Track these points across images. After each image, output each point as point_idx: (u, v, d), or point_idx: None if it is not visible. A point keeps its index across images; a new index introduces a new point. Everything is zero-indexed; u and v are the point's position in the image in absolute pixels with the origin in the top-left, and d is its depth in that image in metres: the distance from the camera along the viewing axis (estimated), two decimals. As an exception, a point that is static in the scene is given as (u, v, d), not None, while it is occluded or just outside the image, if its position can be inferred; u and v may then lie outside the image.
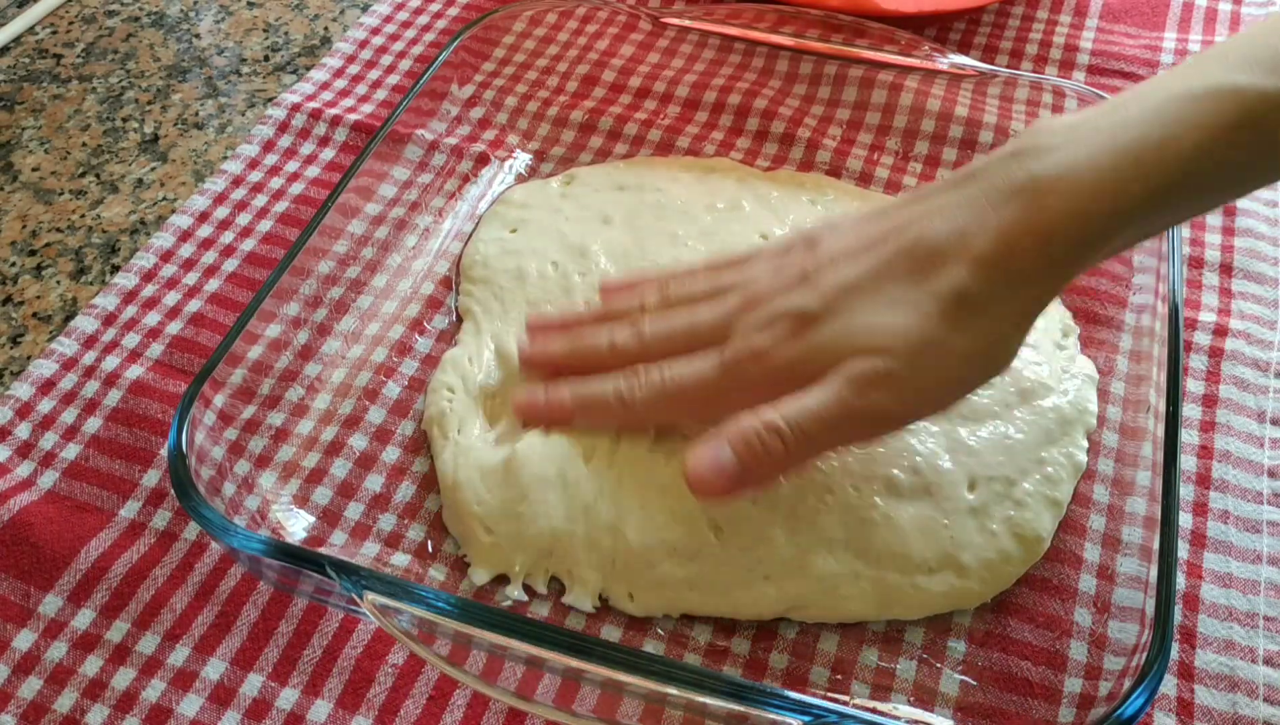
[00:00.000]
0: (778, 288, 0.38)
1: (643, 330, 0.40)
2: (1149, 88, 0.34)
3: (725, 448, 0.34)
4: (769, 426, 0.34)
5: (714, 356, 0.38)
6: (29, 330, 0.49)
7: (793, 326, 0.36)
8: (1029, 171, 0.33)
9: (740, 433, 0.34)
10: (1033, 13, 0.63)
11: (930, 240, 0.35)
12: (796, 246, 0.39)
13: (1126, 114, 0.33)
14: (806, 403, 0.34)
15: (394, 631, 0.34)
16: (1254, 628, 0.38)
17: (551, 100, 0.58)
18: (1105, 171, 0.32)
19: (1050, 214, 0.33)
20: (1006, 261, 0.33)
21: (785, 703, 0.31)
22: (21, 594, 0.40)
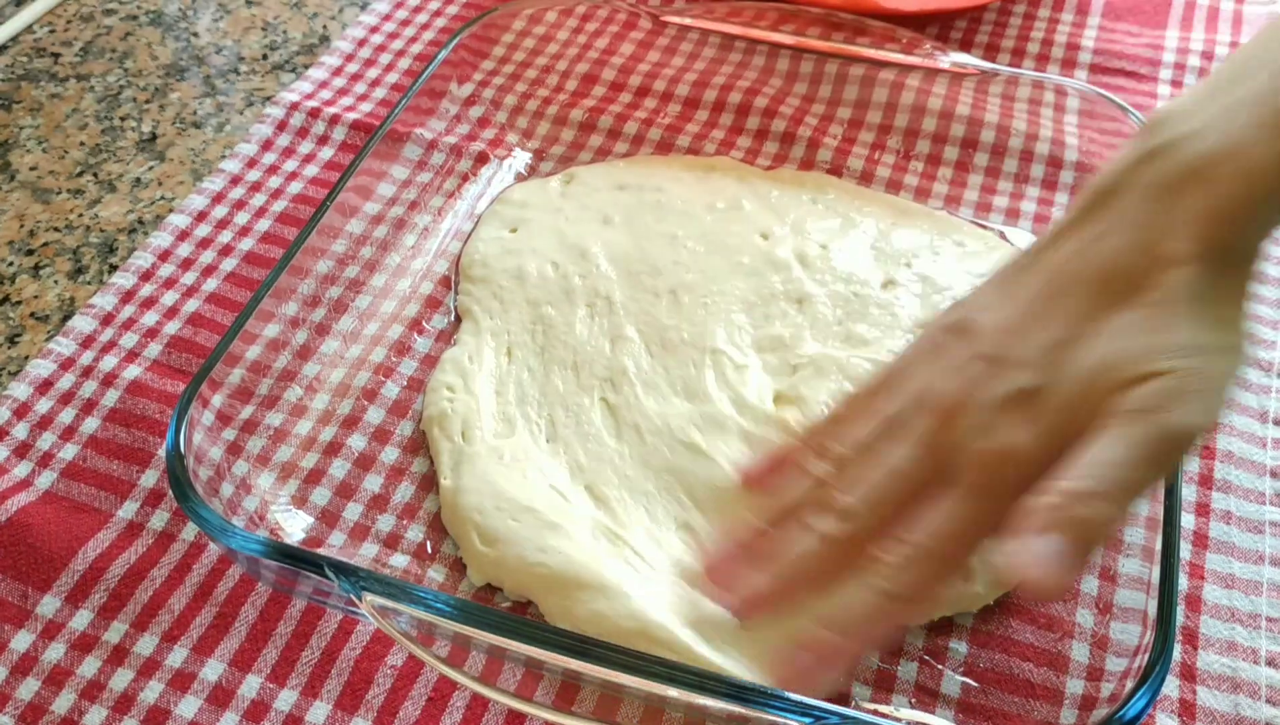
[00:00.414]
0: (968, 386, 0.33)
1: (844, 505, 0.33)
2: (1268, 53, 0.33)
3: (1053, 538, 0.29)
4: (1080, 494, 0.29)
5: (955, 492, 0.32)
6: (26, 330, 0.49)
7: (1024, 412, 0.32)
8: (1185, 162, 0.32)
9: (1054, 516, 0.29)
10: (1035, 11, 0.63)
11: (1118, 264, 0.32)
12: (946, 343, 0.35)
13: (1258, 84, 0.32)
14: (1098, 453, 0.30)
15: (393, 633, 0.34)
16: (1256, 629, 0.38)
17: (551, 99, 0.58)
18: (1267, 140, 0.31)
19: (1230, 193, 0.31)
20: (1216, 250, 0.31)
21: (786, 704, 0.31)
22: (19, 595, 0.40)
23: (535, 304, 0.47)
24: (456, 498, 0.40)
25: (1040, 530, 0.29)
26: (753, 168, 0.54)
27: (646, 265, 0.48)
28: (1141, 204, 0.32)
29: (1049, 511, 0.29)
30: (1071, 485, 0.29)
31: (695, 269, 0.48)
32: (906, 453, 0.33)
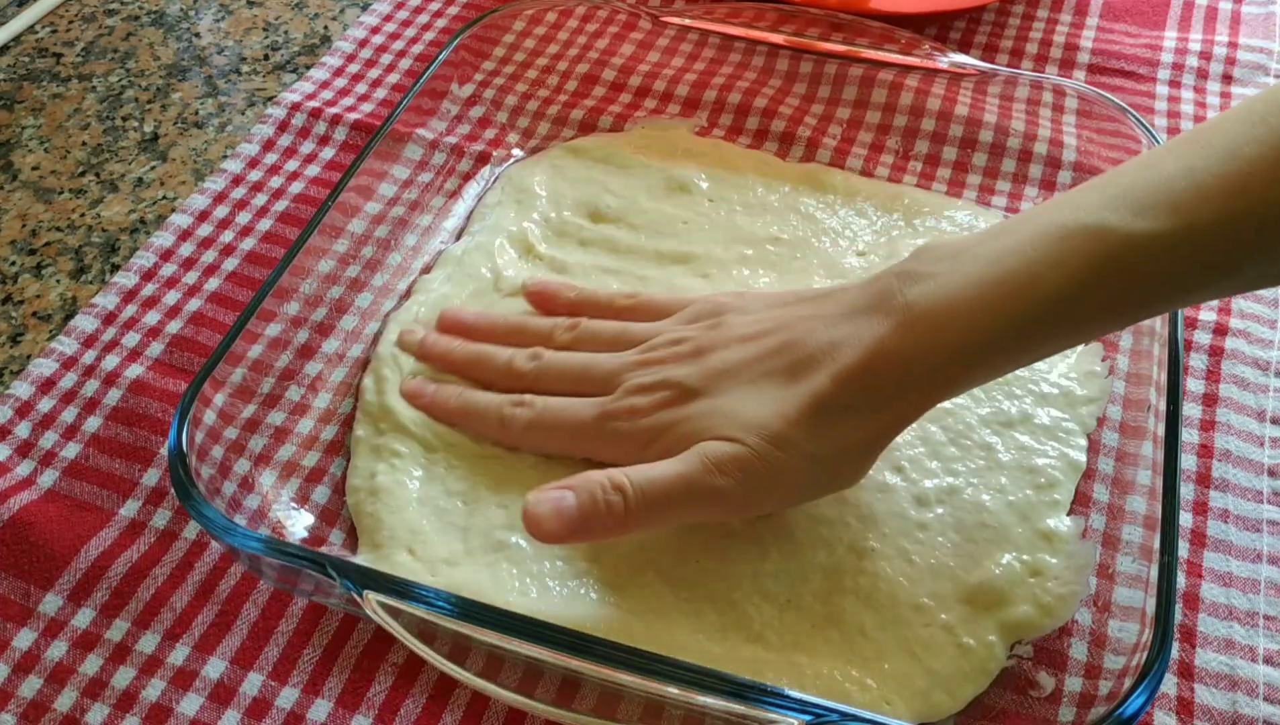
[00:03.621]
0: (671, 356, 0.40)
1: (542, 360, 0.42)
2: (1031, 217, 0.34)
3: (569, 494, 0.35)
4: (615, 484, 0.35)
5: (595, 404, 0.40)
6: (29, 329, 0.49)
7: (672, 396, 0.38)
8: (905, 295, 0.35)
9: (587, 484, 0.35)
10: (1033, 12, 0.63)
11: (809, 344, 0.36)
12: (704, 317, 0.41)
13: (1002, 244, 0.34)
14: (655, 471, 0.35)
15: (394, 630, 0.34)
16: (1254, 627, 0.38)
17: (551, 99, 0.58)
18: (974, 303, 0.33)
19: (914, 340, 0.34)
20: (865, 379, 0.34)
21: (786, 702, 0.31)
22: (21, 593, 0.40)
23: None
24: (381, 506, 0.41)
25: (571, 488, 0.35)
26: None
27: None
28: (865, 311, 0.36)
29: (585, 480, 0.35)
30: (616, 476, 0.35)
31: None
32: (604, 366, 0.41)
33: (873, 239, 0.50)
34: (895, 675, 0.36)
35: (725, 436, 0.36)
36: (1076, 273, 0.32)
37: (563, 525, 0.35)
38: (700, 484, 0.35)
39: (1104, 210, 0.33)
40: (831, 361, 0.35)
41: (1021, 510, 0.40)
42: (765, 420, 0.35)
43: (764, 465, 0.35)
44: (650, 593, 0.38)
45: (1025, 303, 0.33)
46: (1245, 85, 0.58)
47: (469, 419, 0.42)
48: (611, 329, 0.43)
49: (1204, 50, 0.60)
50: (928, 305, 0.34)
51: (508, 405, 0.41)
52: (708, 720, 0.35)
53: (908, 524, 0.39)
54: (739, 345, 0.38)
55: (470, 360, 0.44)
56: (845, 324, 0.36)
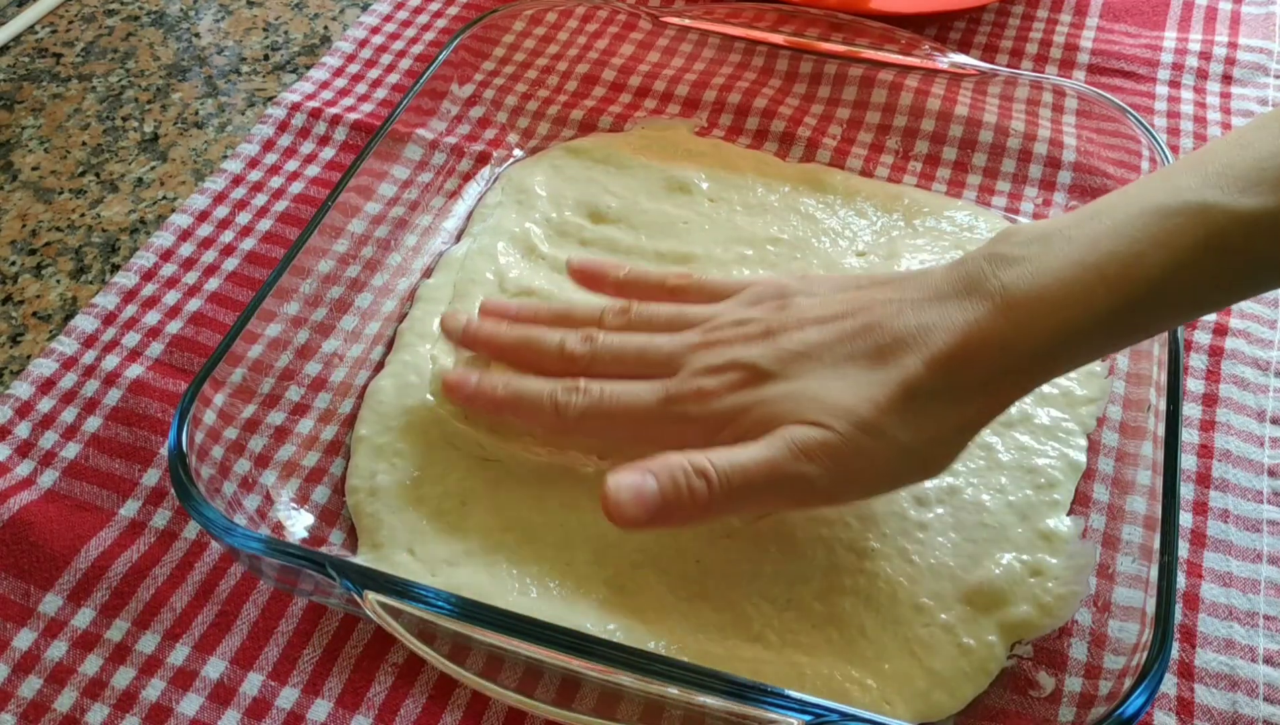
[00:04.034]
0: (739, 336, 0.38)
1: (596, 343, 0.40)
2: (1124, 198, 0.34)
3: (650, 478, 0.33)
4: (698, 468, 0.33)
5: (658, 387, 0.37)
6: (29, 329, 0.49)
7: (744, 378, 0.36)
8: (999, 279, 0.34)
9: (668, 467, 0.34)
10: (1033, 12, 0.63)
11: (895, 327, 0.35)
12: (768, 298, 0.39)
13: (1099, 226, 0.33)
14: (739, 455, 0.34)
15: (394, 630, 0.34)
16: (1254, 627, 0.38)
17: (551, 99, 0.58)
18: (1072, 286, 0.32)
19: (1013, 324, 0.33)
20: (962, 365, 0.33)
21: (786, 702, 0.31)
22: (21, 593, 0.40)
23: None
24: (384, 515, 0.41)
25: (652, 471, 0.34)
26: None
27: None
28: (947, 293, 0.35)
29: (665, 463, 0.34)
30: (698, 460, 0.34)
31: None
32: (664, 347, 0.39)
33: (872, 239, 0.50)
34: (895, 675, 0.36)
35: (811, 421, 0.34)
36: (1181, 251, 0.32)
37: (644, 511, 0.33)
38: (787, 471, 0.33)
39: (1205, 188, 0.32)
40: (923, 346, 0.34)
41: (1021, 510, 0.40)
42: (853, 405, 0.34)
43: (854, 453, 0.33)
44: (650, 593, 0.38)
45: (1130, 283, 0.32)
46: (1245, 85, 0.58)
47: (519, 408, 0.39)
48: (667, 311, 0.40)
49: (1204, 50, 0.60)
50: (1026, 288, 0.33)
51: (561, 391, 0.38)
52: (708, 720, 0.35)
53: (908, 524, 0.39)
54: (815, 327, 0.36)
55: (519, 343, 0.41)
56: (933, 307, 0.34)
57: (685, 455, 0.34)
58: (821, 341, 0.36)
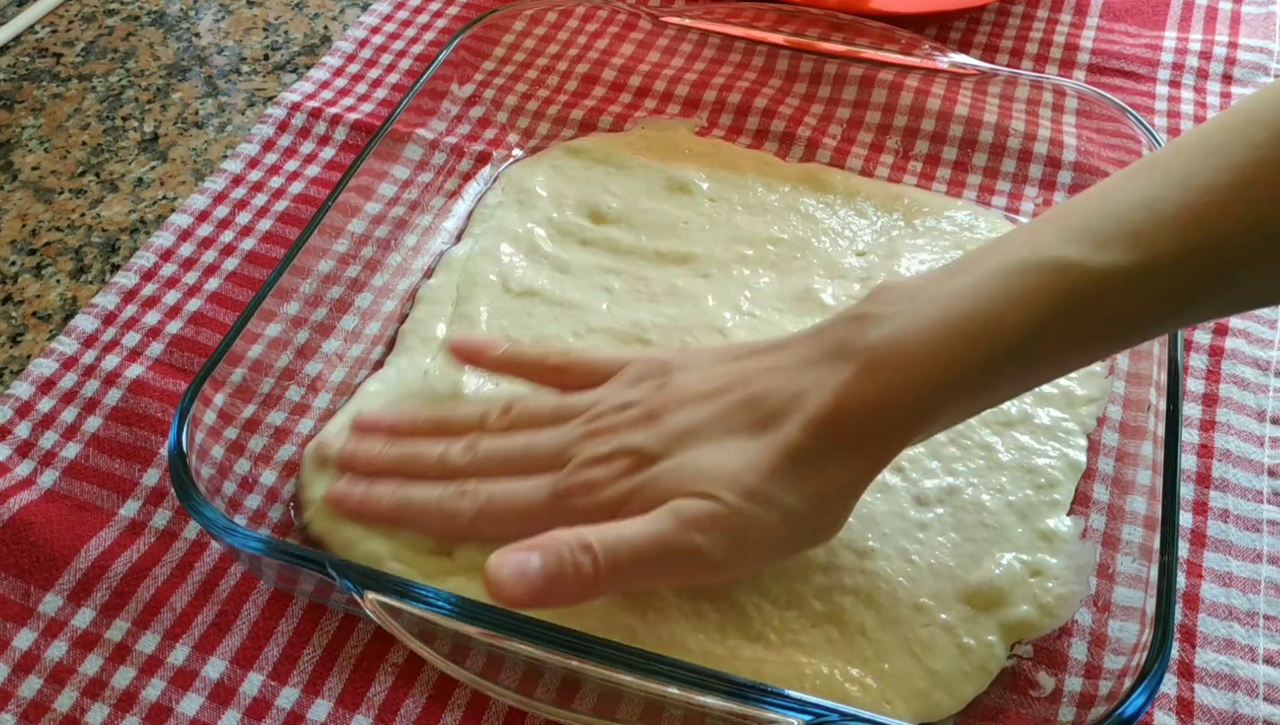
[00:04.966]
0: (622, 422, 0.37)
1: (478, 450, 0.39)
2: (988, 253, 0.34)
3: (535, 556, 0.33)
4: (582, 544, 0.33)
5: (546, 482, 0.37)
6: (29, 329, 0.49)
7: (630, 464, 0.36)
8: (865, 339, 0.34)
9: (553, 544, 0.33)
10: (1033, 12, 0.63)
11: (771, 397, 0.35)
12: (649, 377, 0.39)
13: (962, 282, 0.33)
14: (625, 530, 0.34)
15: (394, 630, 0.34)
16: (1254, 627, 0.38)
17: (551, 99, 0.58)
18: (936, 344, 0.32)
19: (881, 384, 0.33)
20: (836, 428, 0.33)
21: (786, 702, 0.31)
22: (21, 593, 0.40)
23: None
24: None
25: (535, 548, 0.33)
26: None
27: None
28: (823, 358, 0.35)
29: (550, 540, 0.33)
30: (583, 536, 0.33)
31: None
32: (547, 442, 0.38)
33: (873, 239, 0.50)
34: (895, 675, 0.36)
35: (698, 493, 0.34)
36: (1038, 310, 0.31)
37: (527, 590, 0.32)
38: (676, 543, 0.33)
39: (1063, 244, 0.32)
40: (799, 411, 0.34)
41: (1021, 510, 0.40)
42: (737, 473, 0.33)
43: (742, 522, 0.33)
44: (650, 593, 0.38)
45: (988, 342, 0.32)
46: (1245, 85, 0.58)
47: (408, 518, 0.39)
48: (548, 405, 0.40)
49: (1204, 50, 0.60)
50: (888, 348, 0.33)
51: (449, 497, 0.38)
52: (708, 720, 0.35)
53: (908, 524, 0.39)
54: (696, 405, 0.36)
55: (399, 461, 0.40)
56: (808, 373, 0.35)
57: (572, 532, 0.33)
58: (704, 419, 0.36)
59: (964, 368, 0.32)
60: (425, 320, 0.47)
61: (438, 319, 0.47)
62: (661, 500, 0.34)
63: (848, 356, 0.34)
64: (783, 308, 0.47)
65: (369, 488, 0.39)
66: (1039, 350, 0.32)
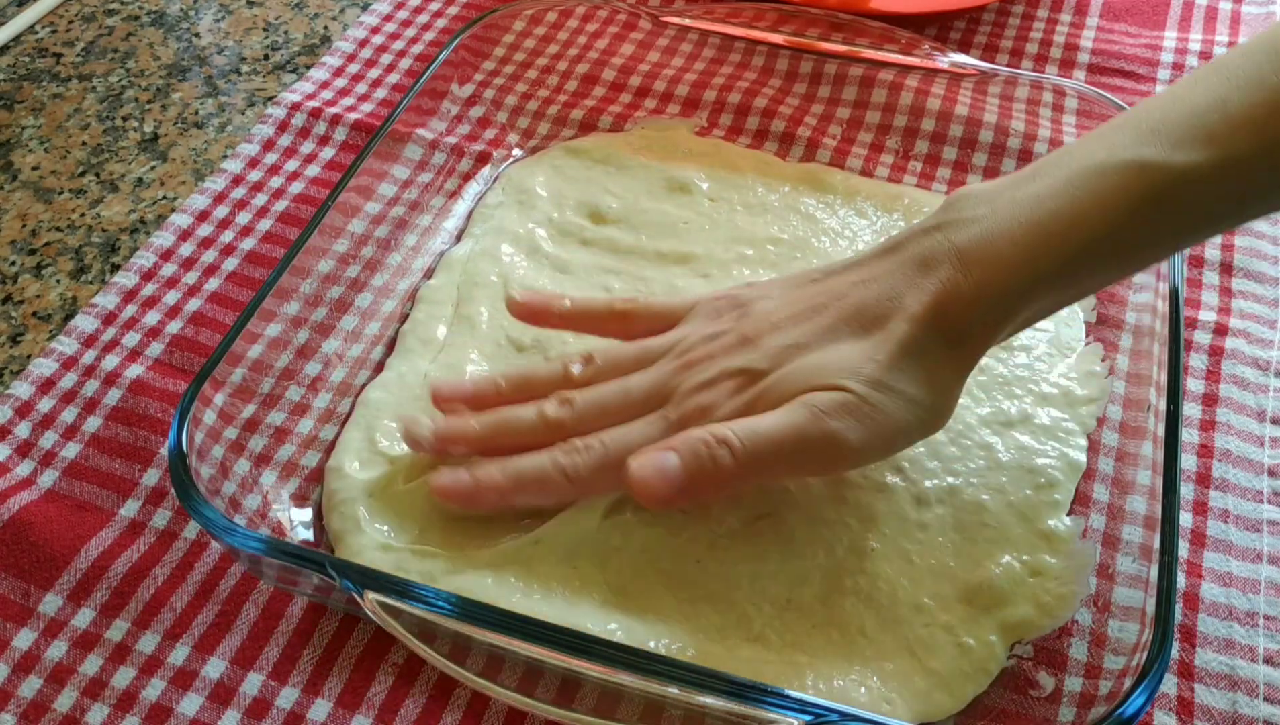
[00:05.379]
0: (718, 349, 0.38)
1: (575, 403, 0.38)
2: (1065, 157, 0.35)
3: (671, 455, 0.34)
4: (719, 438, 0.34)
5: (657, 420, 0.37)
6: (29, 329, 0.49)
7: (740, 382, 0.36)
8: (952, 242, 0.35)
9: (688, 441, 0.34)
10: (1033, 12, 0.63)
11: (869, 304, 0.36)
12: (725, 312, 0.39)
13: (1040, 186, 0.35)
14: (760, 424, 0.34)
15: (394, 630, 0.34)
16: (1254, 627, 0.38)
17: (551, 99, 0.58)
18: (1023, 243, 0.34)
19: (976, 281, 0.35)
20: (941, 320, 0.35)
21: (786, 702, 0.31)
22: (21, 593, 0.40)
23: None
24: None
25: (671, 447, 0.34)
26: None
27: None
28: (911, 264, 0.36)
29: (686, 437, 0.34)
30: (719, 429, 0.34)
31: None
32: (642, 383, 0.38)
33: (872, 239, 0.50)
34: (895, 675, 0.36)
35: (825, 385, 0.35)
36: (1119, 209, 0.33)
37: (669, 486, 0.34)
38: (812, 430, 0.34)
39: (1140, 146, 0.34)
40: (901, 311, 0.35)
41: (1021, 510, 0.40)
42: (859, 365, 0.35)
43: (870, 408, 0.34)
44: (651, 594, 0.38)
45: (1072, 242, 0.34)
46: (1245, 85, 0.58)
47: (527, 487, 0.37)
48: (631, 350, 0.40)
49: (1204, 50, 0.60)
50: (978, 249, 0.35)
51: (563, 456, 0.37)
52: (708, 720, 0.35)
53: (908, 524, 0.39)
54: (792, 325, 0.37)
55: (494, 430, 0.39)
56: (900, 279, 0.36)
57: (706, 428, 0.34)
58: (805, 333, 0.37)
59: (1049, 264, 0.34)
60: (425, 321, 0.47)
61: (438, 320, 0.47)
62: (783, 399, 0.35)
63: (938, 260, 0.35)
64: None
65: (475, 470, 0.38)
66: (1118, 247, 0.34)
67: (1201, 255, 0.50)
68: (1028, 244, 0.34)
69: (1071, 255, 0.34)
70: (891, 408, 0.35)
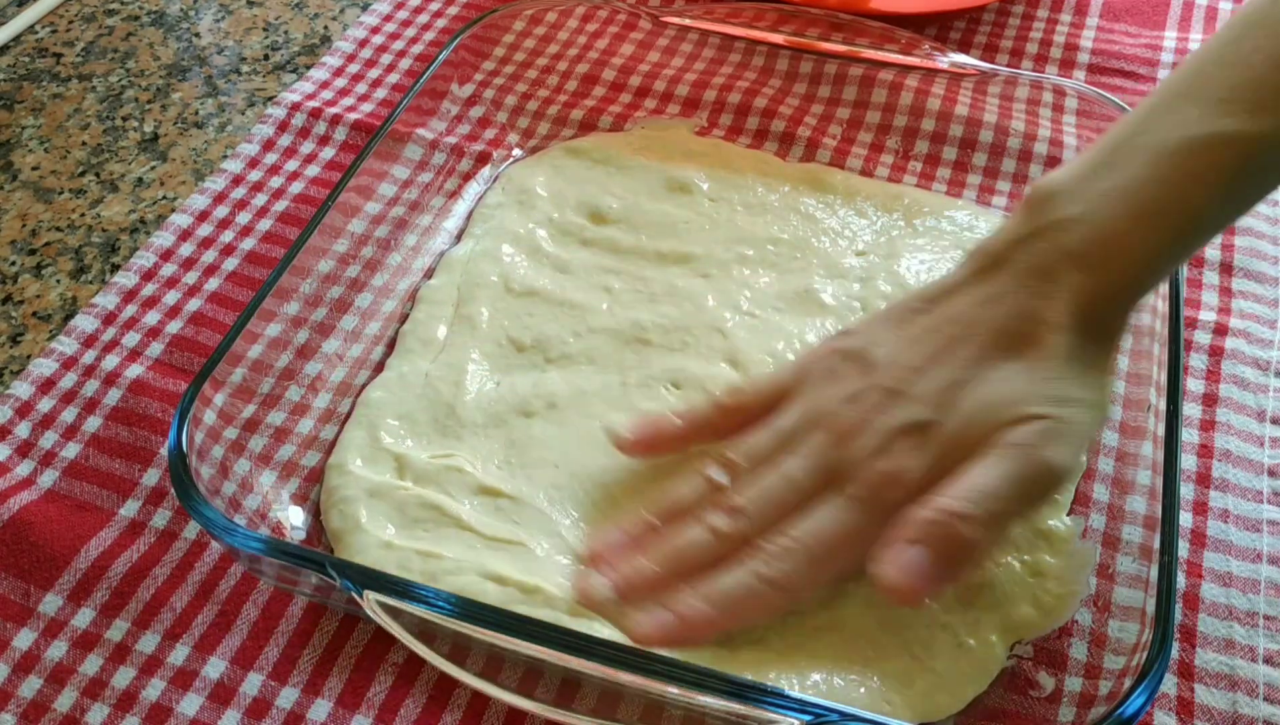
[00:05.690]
0: (867, 411, 0.36)
1: (744, 509, 0.36)
2: (1137, 138, 0.36)
3: (917, 549, 0.32)
4: (951, 512, 0.32)
5: (845, 502, 0.35)
6: (29, 329, 0.49)
7: (916, 441, 0.35)
8: (1063, 248, 0.36)
9: (922, 527, 0.32)
10: (1033, 12, 0.63)
11: (1006, 324, 0.36)
12: (842, 369, 0.38)
13: (1127, 175, 0.36)
14: (978, 480, 0.33)
15: (394, 630, 0.34)
16: (1254, 627, 0.38)
17: (551, 99, 0.58)
18: (1136, 235, 0.35)
19: (1102, 280, 0.36)
20: (1085, 323, 0.36)
21: (786, 702, 0.31)
22: (21, 593, 0.40)
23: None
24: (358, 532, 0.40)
25: (911, 540, 0.32)
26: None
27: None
28: (1028, 277, 0.36)
29: (924, 524, 0.33)
30: (948, 503, 0.33)
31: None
32: (800, 464, 0.36)
33: (872, 239, 0.50)
34: (896, 675, 0.36)
35: (1015, 419, 0.34)
36: (1218, 184, 0.35)
37: (927, 581, 0.32)
38: (1029, 469, 0.33)
39: (1218, 118, 0.35)
40: (1044, 324, 0.35)
41: (1021, 510, 0.40)
42: (1036, 387, 0.34)
43: (1066, 426, 0.34)
44: None
45: (1181, 224, 0.35)
46: (1245, 85, 0.58)
47: (739, 613, 0.35)
48: (765, 439, 0.37)
49: (1204, 50, 0.60)
50: (1095, 250, 0.36)
51: (764, 568, 0.35)
52: (708, 720, 0.35)
53: None
54: (935, 364, 0.36)
55: (674, 566, 0.36)
56: (1024, 295, 0.36)
57: (928, 508, 0.33)
58: (956, 369, 0.36)
59: (1165, 248, 0.36)
60: (426, 321, 0.47)
61: (438, 320, 0.47)
62: (972, 450, 0.34)
63: (1055, 267, 0.36)
64: (783, 308, 0.47)
65: (676, 607, 0.35)
66: (1218, 217, 0.36)
67: (1201, 255, 0.50)
68: (1142, 236, 0.35)
69: (1182, 235, 0.36)
70: (1080, 418, 0.35)
